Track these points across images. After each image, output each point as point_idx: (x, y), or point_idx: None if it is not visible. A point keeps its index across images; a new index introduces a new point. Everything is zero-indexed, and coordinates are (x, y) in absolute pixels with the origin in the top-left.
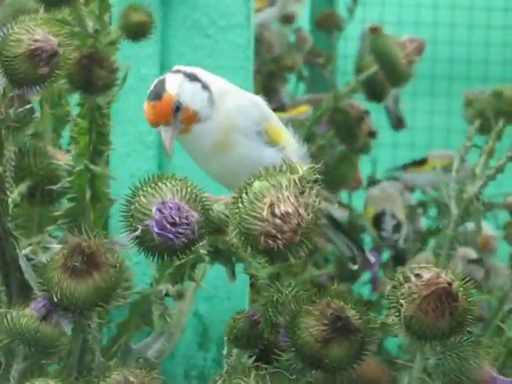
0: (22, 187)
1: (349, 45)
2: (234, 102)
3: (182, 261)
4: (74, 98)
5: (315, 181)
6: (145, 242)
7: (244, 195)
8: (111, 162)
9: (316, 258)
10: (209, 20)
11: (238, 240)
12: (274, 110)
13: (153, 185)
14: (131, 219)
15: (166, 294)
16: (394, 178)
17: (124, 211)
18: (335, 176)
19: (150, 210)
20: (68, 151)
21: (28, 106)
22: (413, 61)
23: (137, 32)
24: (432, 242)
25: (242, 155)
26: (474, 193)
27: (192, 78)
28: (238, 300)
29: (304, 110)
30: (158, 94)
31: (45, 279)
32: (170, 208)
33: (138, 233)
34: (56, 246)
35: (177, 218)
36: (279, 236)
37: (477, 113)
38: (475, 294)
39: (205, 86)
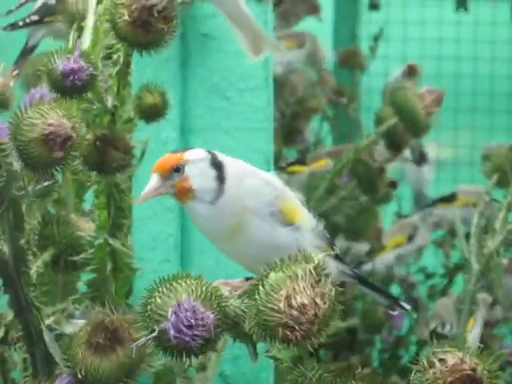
0: (46, 256)
1: (372, 80)
2: (246, 184)
3: None
4: None
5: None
6: (162, 342)
7: (260, 287)
8: (133, 226)
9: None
10: (227, 82)
11: (256, 331)
12: (296, 162)
13: (168, 285)
14: (148, 320)
15: (190, 365)
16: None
17: (141, 311)
18: (356, 227)
19: (166, 312)
20: (91, 212)
21: (47, 183)
22: (432, 112)
23: (151, 114)
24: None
25: (256, 237)
26: (495, 247)
27: (215, 164)
28: (263, 359)
29: (324, 164)
30: (176, 151)
31: (69, 355)
32: (186, 310)
33: (154, 334)
34: (79, 322)
35: (192, 321)
36: (297, 327)
37: (495, 167)
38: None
39: (220, 179)
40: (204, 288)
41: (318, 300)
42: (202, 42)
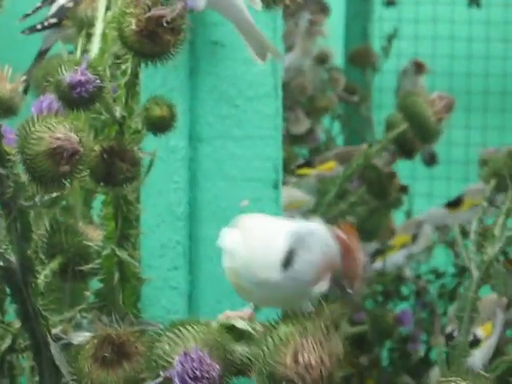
0: (54, 264)
1: (384, 78)
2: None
3: None
4: None
5: None
6: None
7: (269, 337)
8: (141, 233)
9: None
10: (236, 90)
11: (261, 382)
12: (304, 164)
13: (176, 331)
14: (155, 364)
15: None
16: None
17: (148, 355)
18: (367, 227)
19: (173, 359)
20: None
21: (55, 194)
22: (442, 118)
23: (158, 126)
24: None
25: None
26: (494, 254)
27: None
28: None
29: (331, 167)
30: None
31: (75, 369)
32: (192, 360)
33: (159, 380)
34: (86, 335)
35: (198, 372)
36: None
37: (492, 172)
38: None
39: None
40: (212, 335)
41: (324, 357)
42: (212, 49)
